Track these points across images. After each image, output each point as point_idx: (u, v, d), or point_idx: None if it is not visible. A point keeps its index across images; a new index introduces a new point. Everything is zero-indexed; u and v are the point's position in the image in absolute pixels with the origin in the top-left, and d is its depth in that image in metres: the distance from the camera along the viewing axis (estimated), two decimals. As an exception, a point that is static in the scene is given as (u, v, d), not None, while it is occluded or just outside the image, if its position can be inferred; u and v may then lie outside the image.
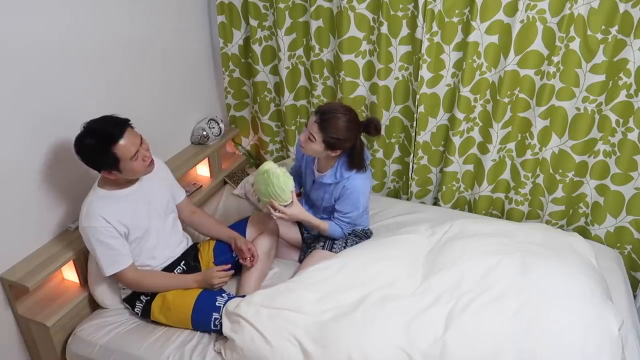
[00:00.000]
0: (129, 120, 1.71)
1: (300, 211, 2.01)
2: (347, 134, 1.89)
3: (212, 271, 1.88)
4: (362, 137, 2.01)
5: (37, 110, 1.79)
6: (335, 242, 2.12)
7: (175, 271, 1.98)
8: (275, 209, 1.95)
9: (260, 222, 2.13)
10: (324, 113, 1.88)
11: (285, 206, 1.95)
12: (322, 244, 2.12)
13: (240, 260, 2.02)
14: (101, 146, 1.63)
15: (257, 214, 2.23)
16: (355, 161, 1.98)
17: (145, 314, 1.90)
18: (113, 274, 1.79)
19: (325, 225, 2.06)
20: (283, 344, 1.64)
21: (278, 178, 1.90)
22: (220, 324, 1.76)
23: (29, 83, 1.75)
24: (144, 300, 1.89)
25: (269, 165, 1.94)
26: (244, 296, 1.84)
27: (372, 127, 1.94)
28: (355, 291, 1.79)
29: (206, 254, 2.07)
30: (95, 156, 1.66)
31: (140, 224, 1.82)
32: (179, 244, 2.03)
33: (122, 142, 1.64)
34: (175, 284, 1.89)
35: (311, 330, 1.66)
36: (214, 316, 1.78)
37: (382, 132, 2.60)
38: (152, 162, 1.77)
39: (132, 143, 1.67)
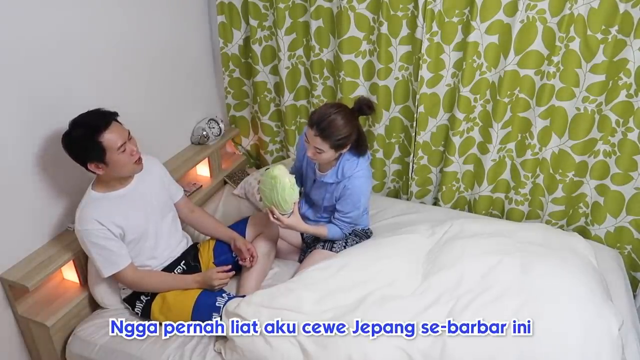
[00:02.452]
0: (116, 113, 1.71)
1: (297, 222, 2.00)
2: (349, 128, 1.88)
3: (212, 272, 1.87)
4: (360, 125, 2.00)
5: (37, 110, 1.79)
6: (336, 241, 2.12)
7: (175, 271, 1.98)
8: (273, 214, 1.95)
9: (260, 222, 2.13)
10: (319, 123, 1.85)
11: (283, 215, 1.95)
12: (322, 243, 2.12)
13: (240, 261, 2.02)
14: (87, 136, 1.64)
15: (257, 214, 2.23)
16: (362, 147, 1.99)
17: (145, 314, 1.89)
18: (112, 275, 1.79)
19: (324, 231, 2.06)
20: (283, 344, 1.64)
21: (284, 189, 1.88)
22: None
23: (28, 83, 1.75)
24: (144, 300, 1.89)
25: (278, 172, 1.90)
26: (243, 296, 1.84)
27: (364, 107, 1.91)
28: (355, 291, 1.79)
29: (206, 254, 2.07)
30: (82, 147, 1.66)
31: (136, 224, 1.81)
32: (179, 243, 2.03)
33: (108, 132, 1.65)
34: (175, 284, 1.88)
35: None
36: (214, 316, 1.78)
37: (382, 130, 2.60)
38: (139, 159, 1.77)
39: (118, 135, 1.68)
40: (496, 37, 2.20)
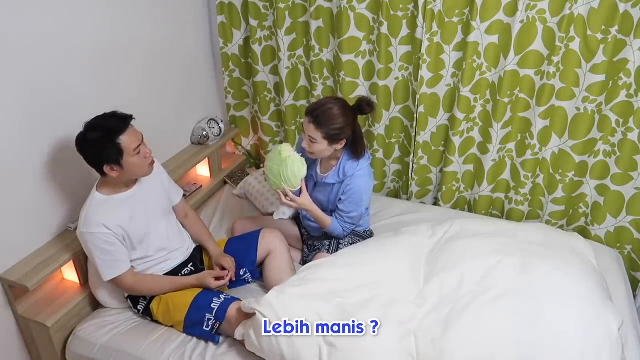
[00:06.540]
0: (132, 117, 1.73)
1: (308, 201, 2.00)
2: (345, 120, 1.88)
3: (207, 276, 1.88)
4: (360, 126, 2.00)
5: (36, 109, 1.79)
6: (341, 245, 2.11)
7: (182, 273, 1.98)
8: (286, 195, 1.93)
9: (271, 236, 2.08)
10: (314, 110, 1.88)
11: (292, 191, 1.93)
12: (327, 247, 2.11)
13: (214, 276, 1.93)
14: (106, 138, 1.65)
15: (268, 229, 2.14)
16: (360, 148, 1.98)
17: (147, 313, 1.90)
18: (112, 279, 1.78)
19: (328, 221, 2.05)
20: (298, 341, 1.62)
21: (294, 163, 1.88)
22: (213, 325, 1.75)
23: (29, 83, 1.75)
24: (147, 298, 1.89)
25: (286, 147, 1.91)
26: (238, 299, 1.82)
27: (364, 105, 1.92)
28: (357, 292, 1.78)
29: (209, 258, 2.06)
30: (100, 149, 1.66)
31: (139, 227, 1.81)
32: (183, 244, 2.03)
33: (126, 135, 1.67)
34: (172, 287, 1.88)
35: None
36: (207, 317, 1.77)
37: (382, 131, 2.61)
38: (153, 161, 1.78)
39: (134, 138, 1.70)
40: (496, 37, 2.20)
